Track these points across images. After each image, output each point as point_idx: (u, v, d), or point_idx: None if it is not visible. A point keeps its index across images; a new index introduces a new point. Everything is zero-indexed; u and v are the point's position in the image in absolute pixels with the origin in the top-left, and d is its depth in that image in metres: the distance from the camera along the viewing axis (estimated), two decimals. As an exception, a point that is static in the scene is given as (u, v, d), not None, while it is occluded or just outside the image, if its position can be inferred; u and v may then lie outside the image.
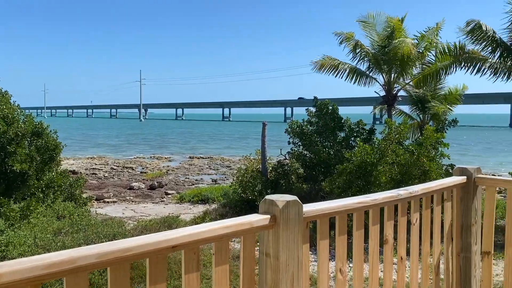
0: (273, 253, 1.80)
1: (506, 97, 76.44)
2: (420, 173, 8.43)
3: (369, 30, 13.87)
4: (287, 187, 11.35)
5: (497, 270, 6.42)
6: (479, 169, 3.01)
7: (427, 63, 13.89)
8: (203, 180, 20.33)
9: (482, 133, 61.41)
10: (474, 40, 11.67)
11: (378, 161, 8.82)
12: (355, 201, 2.21)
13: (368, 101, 66.21)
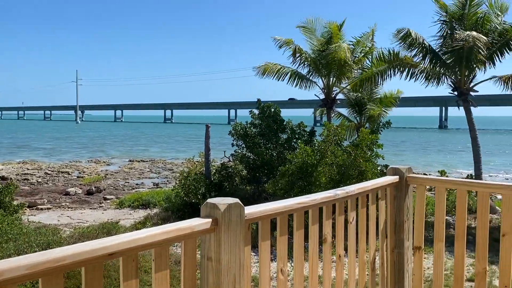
0: (215, 256, 1.79)
1: (436, 100, 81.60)
2: (357, 173, 8.78)
3: (309, 35, 14.27)
4: (231, 189, 11.37)
5: (428, 264, 6.83)
6: (410, 169, 3.18)
7: (364, 68, 14.52)
8: (144, 184, 19.81)
9: (415, 134, 65.18)
10: (406, 47, 12.37)
11: (318, 162, 9.08)
12: (295, 202, 2.25)
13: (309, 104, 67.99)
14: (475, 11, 11.85)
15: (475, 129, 11.83)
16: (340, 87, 14.83)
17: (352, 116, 16.26)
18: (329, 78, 14.22)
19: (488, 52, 11.23)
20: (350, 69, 13.99)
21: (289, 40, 13.79)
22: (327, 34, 14.19)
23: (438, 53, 12.18)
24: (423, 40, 12.12)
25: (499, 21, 11.67)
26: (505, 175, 22.48)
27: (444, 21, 12.06)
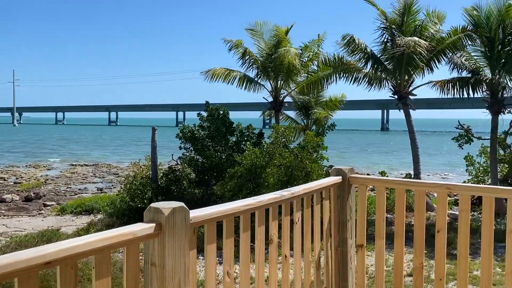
0: (159, 262, 1.76)
1: (378, 104, 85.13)
2: (303, 174, 8.97)
3: (257, 38, 14.41)
4: (179, 193, 11.21)
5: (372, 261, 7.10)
6: (352, 169, 3.30)
7: (311, 72, 14.87)
8: (87, 190, 19.05)
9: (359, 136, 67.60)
10: (350, 52, 12.82)
11: (266, 164, 9.18)
12: (242, 204, 2.26)
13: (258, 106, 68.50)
14: (414, 18, 12.50)
15: (414, 131, 12.46)
16: (288, 90, 15.09)
17: (300, 118, 16.60)
18: (277, 81, 14.42)
19: (427, 58, 11.88)
20: (297, 73, 14.28)
21: (239, 41, 13.85)
22: (275, 38, 14.39)
23: (380, 58, 12.72)
24: (365, 46, 12.61)
25: (436, 29, 12.38)
26: (442, 174, 23.85)
27: (384, 28, 12.61)
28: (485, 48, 11.79)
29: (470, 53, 12.24)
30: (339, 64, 12.89)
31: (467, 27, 11.82)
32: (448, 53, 11.91)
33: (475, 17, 11.78)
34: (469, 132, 12.11)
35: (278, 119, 14.38)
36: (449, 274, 6.06)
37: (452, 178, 21.41)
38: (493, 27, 11.51)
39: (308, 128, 15.46)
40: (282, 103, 14.61)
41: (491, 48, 11.58)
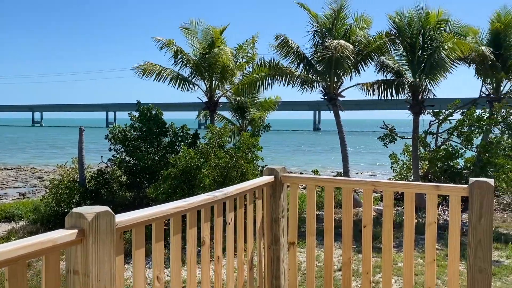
0: (82, 269, 1.67)
1: (310, 105, 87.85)
2: (239, 175, 9.00)
3: (191, 37, 14.24)
4: (109, 196, 10.76)
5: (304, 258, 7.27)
6: (284, 168, 3.36)
7: (246, 73, 14.97)
8: (7, 195, 17.70)
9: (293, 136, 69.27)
10: (283, 54, 13.08)
11: (201, 165, 9.08)
12: (172, 206, 2.21)
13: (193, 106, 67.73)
14: (343, 23, 13.03)
15: (343, 131, 12.99)
16: (223, 91, 15.07)
17: (235, 119, 16.65)
18: (211, 81, 14.35)
19: (354, 61, 12.43)
20: (232, 73, 14.30)
21: (171, 41, 13.59)
22: (210, 38, 14.31)
23: (311, 61, 13.11)
24: (297, 48, 12.94)
25: (364, 33, 13.00)
26: (370, 172, 25.10)
27: (316, 31, 13.02)
28: (407, 52, 12.57)
29: (394, 57, 13.00)
30: (274, 66, 13.12)
31: (391, 32, 12.54)
32: (374, 56, 12.56)
33: (398, 23, 12.53)
34: (393, 132, 12.84)
35: (213, 120, 14.31)
36: (376, 267, 6.38)
37: (379, 175, 22.60)
38: (414, 33, 12.31)
39: (243, 129, 15.55)
40: (217, 103, 14.56)
41: (412, 52, 12.37)
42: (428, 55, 11.90)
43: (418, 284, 5.90)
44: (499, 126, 12.45)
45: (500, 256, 7.98)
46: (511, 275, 6.88)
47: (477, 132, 12.28)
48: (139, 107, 11.91)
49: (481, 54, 13.20)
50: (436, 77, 11.93)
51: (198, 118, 21.40)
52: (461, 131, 12.31)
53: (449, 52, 11.34)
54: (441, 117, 12.62)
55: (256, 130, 11.68)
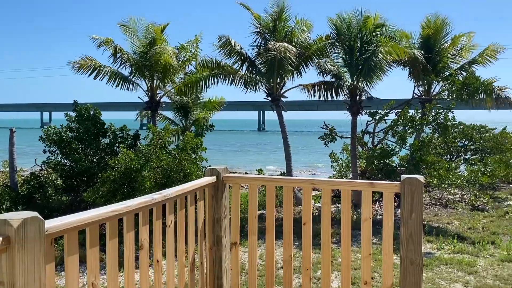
0: (8, 279, 1.56)
1: (254, 105, 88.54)
2: (182, 176, 8.87)
3: (131, 35, 13.84)
4: (44, 201, 10.19)
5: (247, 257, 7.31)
6: (226, 169, 3.36)
7: (189, 72, 14.79)
8: None
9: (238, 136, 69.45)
10: (226, 54, 13.08)
11: (142, 167, 8.85)
12: (108, 210, 2.13)
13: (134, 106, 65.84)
14: (284, 25, 13.25)
15: (286, 131, 13.22)
16: (165, 90, 14.80)
17: (178, 119, 16.41)
18: (153, 81, 14.03)
19: (296, 63, 12.68)
20: (174, 73, 14.08)
21: (109, 39, 13.13)
22: (150, 36, 13.99)
23: (255, 61, 13.22)
24: (241, 48, 12.99)
25: (305, 36, 13.30)
26: (312, 171, 25.74)
27: (258, 32, 13.14)
28: (346, 55, 13.03)
29: (334, 60, 13.43)
30: (217, 66, 13.08)
31: (331, 35, 12.94)
32: (315, 58, 12.90)
33: (338, 26, 12.96)
34: (333, 132, 13.27)
35: (155, 120, 14.01)
36: (318, 263, 6.55)
37: (320, 174, 23.25)
38: (353, 36, 12.79)
39: (187, 129, 15.37)
40: (159, 103, 14.26)
41: (351, 55, 12.84)
42: (365, 58, 12.41)
43: (357, 278, 6.13)
44: (430, 125, 13.25)
45: (431, 248, 8.48)
46: (441, 266, 7.34)
47: (410, 131, 12.98)
48: (76, 106, 11.39)
49: (413, 57, 13.99)
50: (372, 79, 12.46)
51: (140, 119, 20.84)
52: (395, 130, 12.96)
53: (384, 55, 11.89)
54: (377, 117, 13.22)
55: (200, 130, 11.56)
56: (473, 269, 7.15)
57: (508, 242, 8.64)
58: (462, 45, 16.24)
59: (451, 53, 16.14)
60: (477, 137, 14.39)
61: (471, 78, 13.85)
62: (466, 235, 9.38)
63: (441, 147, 13.18)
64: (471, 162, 14.05)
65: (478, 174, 12.84)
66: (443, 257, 7.75)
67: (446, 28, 16.21)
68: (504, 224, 10.26)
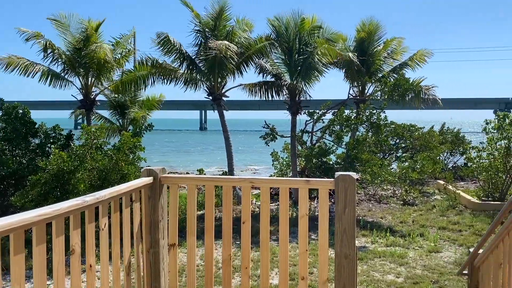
0: None
1: (196, 104, 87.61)
2: (119, 177, 8.58)
3: (63, 30, 13.17)
4: (-35, 206, 9.41)
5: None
6: (164, 169, 3.29)
7: (126, 70, 14.33)
8: None
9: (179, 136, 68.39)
10: (165, 52, 12.82)
11: (76, 168, 8.45)
12: (35, 214, 2.01)
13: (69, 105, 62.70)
14: (225, 24, 13.24)
15: (228, 130, 13.22)
16: (101, 88, 14.24)
17: (115, 118, 15.86)
18: (87, 78, 13.44)
19: (237, 62, 12.71)
20: (111, 70, 13.58)
21: (38, 33, 12.39)
22: (84, 32, 13.39)
23: (195, 60, 13.08)
24: (180, 46, 12.80)
25: (245, 36, 13.36)
26: (254, 170, 25.96)
27: (199, 31, 13.03)
28: (285, 56, 13.28)
29: (273, 60, 13.63)
30: (156, 65, 12.78)
31: (271, 36, 13.12)
32: (256, 58, 13.01)
33: (277, 28, 13.17)
34: (274, 131, 13.47)
35: (90, 119, 13.44)
36: (259, 261, 6.62)
37: (262, 173, 23.51)
38: (291, 38, 13.06)
39: (124, 129, 14.88)
40: (94, 101, 13.68)
41: (289, 56, 13.11)
42: (303, 59, 12.72)
43: (296, 274, 6.27)
44: (364, 125, 13.85)
45: (366, 242, 8.87)
46: (375, 258, 7.70)
47: (346, 130, 13.49)
48: (2, 105, 10.64)
49: (348, 59, 14.56)
50: (311, 80, 12.80)
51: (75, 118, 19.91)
52: (332, 129, 13.41)
53: (321, 57, 12.26)
54: (315, 117, 13.61)
55: (138, 130, 11.24)
56: (404, 260, 7.59)
57: (435, 234, 9.26)
58: (393, 49, 17.17)
59: (383, 56, 17.00)
60: (407, 135, 15.26)
61: (401, 79, 14.65)
62: (397, 229, 9.92)
63: (374, 146, 13.82)
64: (402, 159, 14.86)
65: (409, 170, 13.62)
66: (377, 250, 8.14)
67: (379, 32, 17.05)
68: (432, 217, 10.98)
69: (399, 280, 6.65)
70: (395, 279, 6.70)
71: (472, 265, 4.65)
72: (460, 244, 8.59)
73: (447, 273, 6.93)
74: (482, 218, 10.68)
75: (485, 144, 12.94)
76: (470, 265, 4.71)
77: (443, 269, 7.11)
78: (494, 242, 3.68)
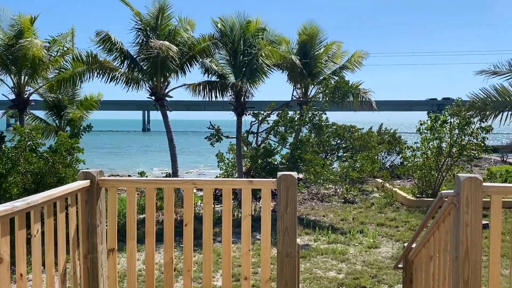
0: None
1: (139, 104, 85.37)
2: (56, 181, 8.17)
3: (-8, 25, 12.34)
4: None
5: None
6: (102, 171, 3.17)
7: (63, 68, 13.65)
8: None
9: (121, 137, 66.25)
10: (105, 50, 12.37)
11: (8, 172, 7.94)
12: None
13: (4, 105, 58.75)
14: (167, 23, 13.00)
15: (171, 131, 13.00)
16: (35, 87, 13.47)
17: (51, 119, 15.08)
18: (20, 76, 12.67)
19: (180, 62, 12.53)
20: (46, 68, 12.88)
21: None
22: (17, 28, 12.62)
23: (136, 59, 12.73)
24: (121, 45, 12.41)
25: (188, 35, 13.20)
26: (200, 171, 25.73)
27: (139, 29, 12.70)
28: (230, 57, 13.29)
29: (218, 60, 13.60)
30: (94, 61, 12.28)
31: (215, 36, 13.07)
32: (199, 58, 12.90)
33: (221, 28, 13.14)
34: (219, 132, 13.45)
35: (23, 120, 12.67)
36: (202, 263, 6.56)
37: (207, 174, 23.37)
38: (236, 39, 13.09)
39: (61, 129, 14.18)
40: (27, 101, 12.92)
41: (234, 57, 13.13)
42: (248, 60, 12.79)
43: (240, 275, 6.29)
44: (307, 126, 14.19)
45: (309, 240, 9.08)
46: (318, 256, 7.90)
47: (290, 131, 13.76)
48: None
49: (291, 62, 14.86)
50: (255, 81, 12.90)
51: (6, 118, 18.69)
52: (277, 130, 13.63)
53: (265, 59, 12.41)
54: (260, 118, 13.75)
55: (76, 131, 10.76)
56: (345, 257, 7.85)
57: (373, 231, 9.67)
58: (334, 52, 17.76)
59: (324, 59, 17.53)
60: (348, 136, 15.84)
61: (341, 82, 15.19)
62: (339, 226, 10.26)
63: (317, 146, 14.21)
64: (343, 159, 15.40)
65: (349, 170, 14.14)
66: (320, 248, 8.36)
67: (320, 36, 17.56)
68: (371, 214, 11.46)
69: (340, 276, 6.88)
70: (337, 276, 6.91)
71: (406, 259, 4.90)
72: (397, 240, 9.03)
73: (385, 267, 7.26)
74: (417, 214, 11.31)
75: (419, 144, 13.71)
76: (404, 259, 4.96)
77: (381, 264, 7.44)
78: (426, 236, 3.91)
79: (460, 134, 12.79)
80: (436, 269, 3.48)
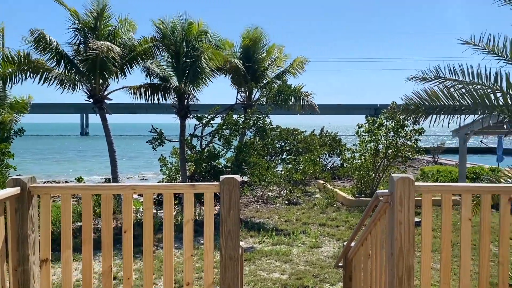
0: None
1: (77, 107, 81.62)
2: (-17, 189, 7.62)
3: None
4: None
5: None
6: (34, 178, 3.00)
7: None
8: None
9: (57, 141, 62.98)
10: (39, 50, 11.71)
11: None
12: None
13: None
14: (107, 23, 12.56)
15: (111, 135, 12.55)
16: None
17: (-22, 122, 14.01)
18: None
19: (121, 63, 12.15)
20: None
21: None
22: None
23: (73, 60, 12.18)
24: (57, 45, 11.82)
25: (129, 36, 12.83)
26: (141, 176, 25.05)
27: (77, 29, 12.17)
28: (172, 59, 13.09)
29: (160, 62, 13.34)
30: (25, 62, 11.57)
31: (156, 37, 12.81)
32: (140, 60, 12.58)
33: (163, 30, 12.91)
34: (161, 135, 13.17)
35: None
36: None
37: (150, 179, 22.82)
38: (178, 41, 12.91)
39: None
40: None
41: (177, 59, 12.95)
42: (191, 62, 12.67)
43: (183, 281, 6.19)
44: (251, 129, 14.30)
45: (254, 242, 9.14)
46: (262, 258, 7.97)
47: (234, 134, 13.78)
48: None
49: (234, 66, 14.91)
50: (199, 84, 12.80)
51: None
52: (221, 134, 13.59)
53: (208, 61, 12.35)
54: (204, 121, 13.66)
55: (6, 135, 10.10)
56: (288, 257, 7.98)
57: (316, 231, 9.91)
58: (276, 56, 18.07)
59: (268, 63, 17.78)
60: (291, 139, 16.15)
61: (284, 86, 15.47)
62: (282, 227, 10.41)
63: (262, 149, 14.35)
64: (286, 161, 15.68)
65: (292, 171, 14.41)
66: (264, 250, 8.44)
67: (263, 40, 17.80)
68: (313, 215, 11.74)
69: (284, 277, 6.98)
70: (281, 277, 7.01)
71: (346, 257, 5.07)
72: (338, 239, 9.32)
73: (327, 266, 7.47)
74: (356, 213, 11.74)
75: (357, 146, 14.26)
76: (344, 258, 5.13)
77: (323, 263, 7.64)
78: (363, 235, 4.06)
79: (395, 136, 13.46)
80: (373, 266, 3.63)
